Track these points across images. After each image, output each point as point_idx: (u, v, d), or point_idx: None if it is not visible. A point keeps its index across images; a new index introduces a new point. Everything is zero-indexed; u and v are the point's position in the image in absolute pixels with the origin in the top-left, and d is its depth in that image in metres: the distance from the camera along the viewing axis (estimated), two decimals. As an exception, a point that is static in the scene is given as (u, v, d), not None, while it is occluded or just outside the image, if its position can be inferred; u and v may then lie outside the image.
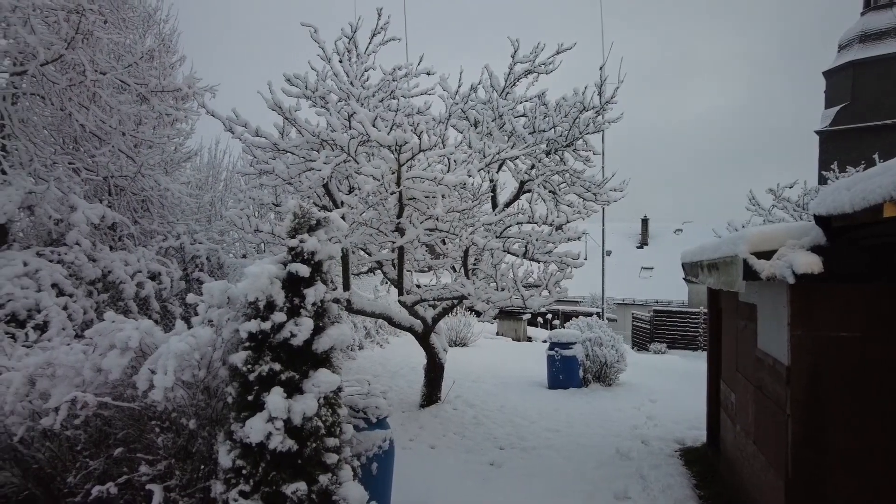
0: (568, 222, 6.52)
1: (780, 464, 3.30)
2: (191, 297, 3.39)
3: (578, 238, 6.53)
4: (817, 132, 25.94)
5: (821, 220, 2.95)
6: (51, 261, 6.33)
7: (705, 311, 19.61)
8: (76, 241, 6.62)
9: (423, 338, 7.41)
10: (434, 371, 7.67)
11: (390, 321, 7.12)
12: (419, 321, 7.22)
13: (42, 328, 5.58)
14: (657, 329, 21.69)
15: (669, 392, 9.37)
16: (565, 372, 9.34)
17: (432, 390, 7.66)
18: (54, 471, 3.28)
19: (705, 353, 6.57)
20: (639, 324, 23.13)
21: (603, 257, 19.87)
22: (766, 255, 3.14)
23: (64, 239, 6.68)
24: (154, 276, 7.74)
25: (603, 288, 20.40)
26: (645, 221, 37.43)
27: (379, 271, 7.95)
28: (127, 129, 7.52)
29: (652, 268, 33.88)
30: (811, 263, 2.90)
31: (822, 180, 15.11)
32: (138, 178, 8.20)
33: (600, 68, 7.06)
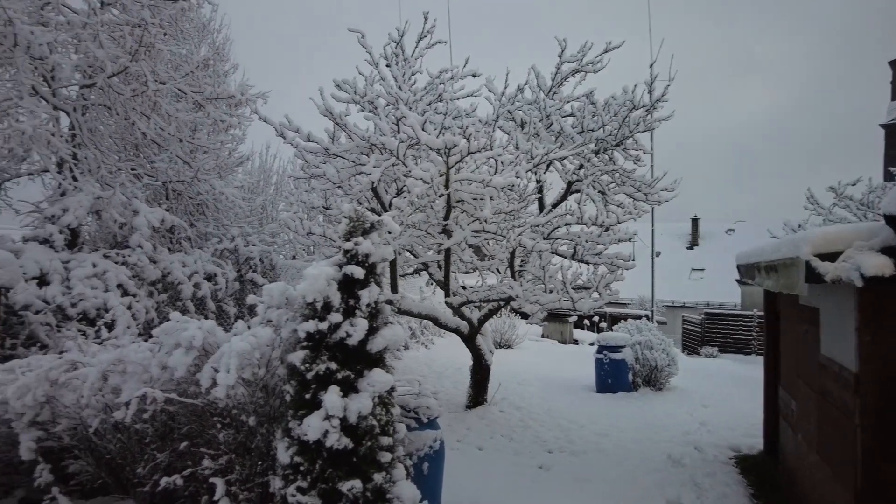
0: (618, 223, 6.41)
1: (848, 475, 3.16)
2: (251, 298, 3.51)
3: (629, 239, 6.42)
4: (883, 126, 24.57)
5: (892, 220, 2.81)
6: (116, 262, 6.66)
7: (759, 313, 18.85)
8: (139, 244, 6.95)
9: (469, 339, 7.42)
10: (480, 373, 7.67)
11: (436, 322, 7.16)
12: (465, 322, 7.24)
13: (109, 326, 5.88)
14: (708, 332, 21.00)
15: (722, 397, 9.08)
16: (614, 376, 9.18)
17: (478, 392, 7.65)
18: (124, 461, 3.47)
19: (759, 358, 6.35)
20: (689, 327, 22.44)
21: (652, 258, 19.39)
22: (831, 256, 3.00)
23: (127, 241, 7.02)
24: (210, 277, 8.05)
25: (653, 290, 19.91)
26: (695, 221, 36.27)
27: (424, 272, 8.01)
28: (184, 136, 7.85)
29: (703, 269, 32.81)
30: (881, 265, 2.76)
31: (889, 177, 14.30)
32: (194, 182, 8.54)
33: (650, 66, 6.93)
